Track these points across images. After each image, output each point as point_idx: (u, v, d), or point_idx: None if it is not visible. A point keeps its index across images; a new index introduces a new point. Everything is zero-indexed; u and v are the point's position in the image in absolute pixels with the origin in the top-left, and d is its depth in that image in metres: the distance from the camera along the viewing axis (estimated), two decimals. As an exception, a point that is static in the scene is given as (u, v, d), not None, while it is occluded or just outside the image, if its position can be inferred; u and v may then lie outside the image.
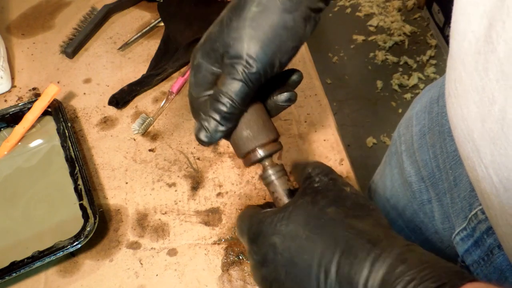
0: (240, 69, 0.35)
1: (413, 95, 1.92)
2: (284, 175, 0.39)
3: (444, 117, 0.55)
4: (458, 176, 0.52)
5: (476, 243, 0.48)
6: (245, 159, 0.39)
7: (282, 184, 0.38)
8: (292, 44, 0.36)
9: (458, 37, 0.35)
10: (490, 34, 0.30)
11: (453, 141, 0.52)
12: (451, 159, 0.53)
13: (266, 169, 0.39)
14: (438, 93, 0.58)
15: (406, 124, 0.65)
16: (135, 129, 0.65)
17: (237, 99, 0.36)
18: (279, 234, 0.33)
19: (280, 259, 0.32)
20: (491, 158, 0.33)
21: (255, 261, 0.34)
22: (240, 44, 0.35)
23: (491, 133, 0.32)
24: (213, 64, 0.37)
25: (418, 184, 0.61)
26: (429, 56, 2.05)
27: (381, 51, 2.07)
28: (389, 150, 0.72)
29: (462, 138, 0.37)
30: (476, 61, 0.32)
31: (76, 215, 0.54)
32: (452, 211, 0.53)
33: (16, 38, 0.78)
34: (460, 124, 0.36)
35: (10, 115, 0.63)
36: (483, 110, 0.32)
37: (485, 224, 0.46)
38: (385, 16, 2.23)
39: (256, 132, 0.38)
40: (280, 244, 0.32)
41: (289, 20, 0.35)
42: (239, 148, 0.39)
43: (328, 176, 0.35)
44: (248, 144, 0.38)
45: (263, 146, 0.38)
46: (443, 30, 2.01)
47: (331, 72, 2.02)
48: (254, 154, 0.38)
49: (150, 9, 0.82)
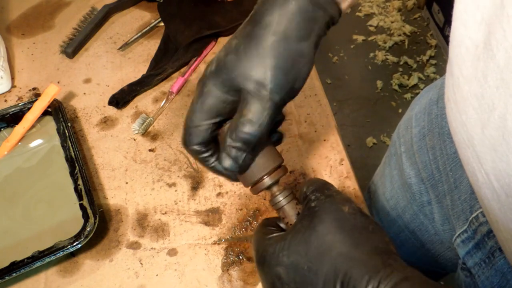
0: (266, 98, 0.35)
1: (413, 95, 1.92)
2: (293, 199, 0.39)
3: (444, 119, 0.55)
4: (459, 178, 0.51)
5: (477, 246, 0.47)
6: (253, 188, 0.40)
7: (291, 209, 0.39)
8: (307, 71, 0.37)
9: (455, 43, 0.35)
10: (490, 42, 0.30)
11: (453, 143, 0.52)
12: (451, 161, 0.53)
13: (275, 195, 0.39)
14: (437, 95, 0.58)
15: (406, 125, 0.64)
16: (135, 129, 0.65)
17: (264, 127, 0.36)
18: (282, 265, 0.34)
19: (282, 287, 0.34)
20: (492, 165, 0.33)
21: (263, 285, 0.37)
22: (264, 73, 0.35)
23: (492, 140, 0.32)
24: (227, 92, 0.37)
25: (418, 186, 0.61)
26: (429, 56, 2.05)
27: (381, 51, 2.07)
28: (388, 151, 0.72)
29: (462, 143, 0.37)
30: (475, 68, 0.32)
31: (76, 215, 0.54)
32: (452, 213, 0.53)
33: (16, 38, 0.78)
34: (460, 129, 0.36)
35: (10, 115, 0.63)
36: (483, 117, 0.32)
37: (486, 227, 0.46)
38: (385, 16, 2.23)
39: (262, 160, 0.39)
40: (285, 276, 0.34)
41: (305, 48, 0.36)
42: (246, 179, 0.40)
43: (324, 193, 0.36)
44: (255, 173, 0.39)
45: (270, 174, 0.39)
46: (443, 30, 2.01)
47: (331, 72, 2.02)
48: (262, 183, 0.39)
49: (150, 9, 0.82)
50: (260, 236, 0.37)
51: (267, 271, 0.35)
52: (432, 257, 0.66)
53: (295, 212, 0.39)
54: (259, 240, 0.37)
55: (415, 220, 0.65)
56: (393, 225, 0.70)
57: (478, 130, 0.33)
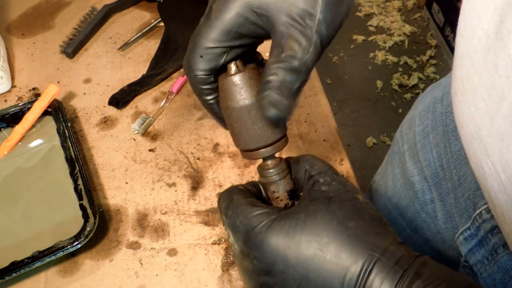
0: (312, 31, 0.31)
1: (413, 95, 1.92)
2: (288, 174, 0.36)
3: (449, 116, 0.55)
4: (463, 176, 0.52)
5: (480, 243, 0.47)
6: (246, 153, 0.36)
7: (285, 185, 0.36)
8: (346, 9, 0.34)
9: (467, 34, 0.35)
10: (501, 31, 0.30)
11: (457, 140, 0.52)
12: (455, 158, 0.53)
13: (269, 168, 0.36)
14: (442, 93, 0.58)
15: (409, 123, 0.65)
16: (135, 129, 0.65)
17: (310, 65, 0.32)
18: (291, 246, 0.31)
19: (292, 273, 0.31)
20: (499, 155, 0.33)
21: (255, 267, 0.32)
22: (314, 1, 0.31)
23: (500, 130, 0.31)
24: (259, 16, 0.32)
25: (420, 184, 0.61)
26: (429, 56, 2.05)
27: (381, 51, 2.07)
28: (391, 150, 0.72)
29: (469, 136, 0.37)
30: (485, 58, 0.32)
31: (76, 215, 0.54)
32: (455, 210, 0.53)
33: (16, 38, 0.78)
34: (467, 122, 0.36)
35: (10, 115, 0.63)
36: (492, 107, 0.32)
37: (490, 224, 0.46)
38: (385, 16, 2.23)
39: (264, 128, 0.35)
40: (294, 258, 0.30)
41: None
42: (242, 142, 0.36)
43: (333, 178, 0.34)
44: (254, 140, 0.35)
45: (270, 145, 0.35)
46: (443, 30, 2.01)
47: (331, 72, 2.02)
48: (258, 153, 0.36)
49: (150, 9, 0.82)
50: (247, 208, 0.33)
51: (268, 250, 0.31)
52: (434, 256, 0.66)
53: (289, 188, 0.36)
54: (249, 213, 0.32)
55: (417, 219, 0.65)
56: (395, 224, 0.70)
57: (486, 121, 0.33)
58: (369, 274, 0.30)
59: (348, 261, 0.30)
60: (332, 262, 0.30)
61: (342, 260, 0.30)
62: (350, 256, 0.30)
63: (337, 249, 0.30)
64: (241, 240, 0.33)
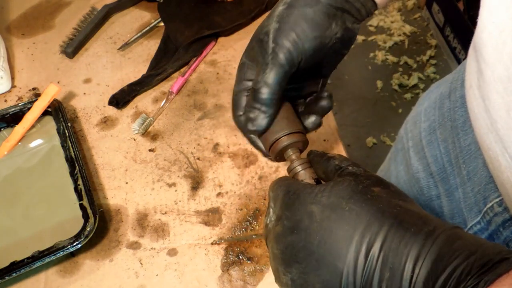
0: (269, 57, 0.39)
1: (413, 95, 1.92)
2: (310, 167, 0.41)
3: (457, 112, 0.55)
4: (472, 170, 0.51)
5: (491, 237, 0.47)
6: (272, 148, 0.42)
7: (310, 174, 0.40)
8: (312, 33, 0.39)
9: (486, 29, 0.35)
10: None
11: (467, 135, 0.52)
12: (464, 153, 0.53)
13: (293, 161, 0.41)
14: (449, 89, 0.58)
15: (414, 120, 0.65)
16: (135, 129, 0.65)
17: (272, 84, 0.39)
18: (319, 204, 0.32)
19: (316, 227, 0.32)
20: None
21: (284, 227, 0.34)
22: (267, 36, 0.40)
23: None
24: (252, 61, 0.42)
25: (426, 180, 0.61)
26: (429, 56, 2.05)
27: (381, 51, 2.07)
28: (394, 147, 0.72)
29: (484, 129, 0.37)
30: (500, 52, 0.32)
31: (76, 215, 0.54)
32: (464, 205, 0.53)
33: (16, 38, 0.78)
34: (483, 115, 0.37)
35: (10, 115, 0.63)
36: (508, 100, 0.32)
37: (502, 217, 0.46)
38: (385, 16, 2.23)
39: (284, 124, 0.42)
40: (319, 213, 0.32)
41: (309, 13, 0.39)
42: (267, 139, 0.42)
43: (360, 167, 0.36)
44: (275, 134, 0.41)
45: (289, 135, 0.41)
46: (443, 30, 2.01)
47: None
48: (281, 141, 0.41)
49: (150, 9, 0.82)
50: (291, 181, 0.37)
51: (298, 208, 0.34)
52: None
53: (314, 177, 0.40)
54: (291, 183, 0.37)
55: None
56: None
57: (503, 114, 0.33)
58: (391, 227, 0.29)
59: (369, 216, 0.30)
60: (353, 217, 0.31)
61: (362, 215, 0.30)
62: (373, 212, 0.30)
63: (359, 205, 0.31)
64: (279, 204, 0.36)
